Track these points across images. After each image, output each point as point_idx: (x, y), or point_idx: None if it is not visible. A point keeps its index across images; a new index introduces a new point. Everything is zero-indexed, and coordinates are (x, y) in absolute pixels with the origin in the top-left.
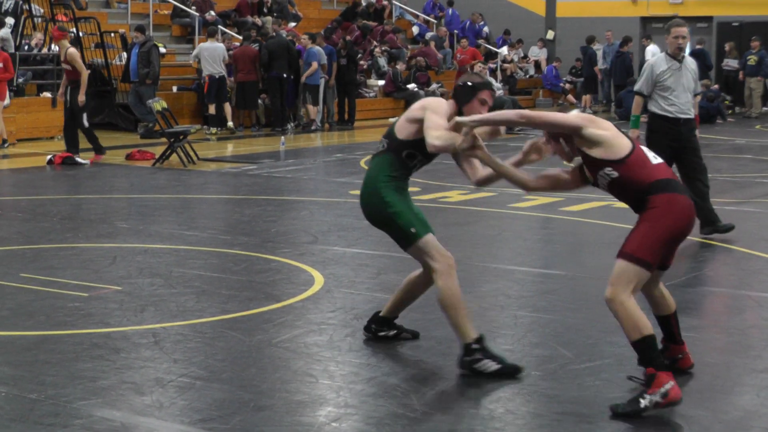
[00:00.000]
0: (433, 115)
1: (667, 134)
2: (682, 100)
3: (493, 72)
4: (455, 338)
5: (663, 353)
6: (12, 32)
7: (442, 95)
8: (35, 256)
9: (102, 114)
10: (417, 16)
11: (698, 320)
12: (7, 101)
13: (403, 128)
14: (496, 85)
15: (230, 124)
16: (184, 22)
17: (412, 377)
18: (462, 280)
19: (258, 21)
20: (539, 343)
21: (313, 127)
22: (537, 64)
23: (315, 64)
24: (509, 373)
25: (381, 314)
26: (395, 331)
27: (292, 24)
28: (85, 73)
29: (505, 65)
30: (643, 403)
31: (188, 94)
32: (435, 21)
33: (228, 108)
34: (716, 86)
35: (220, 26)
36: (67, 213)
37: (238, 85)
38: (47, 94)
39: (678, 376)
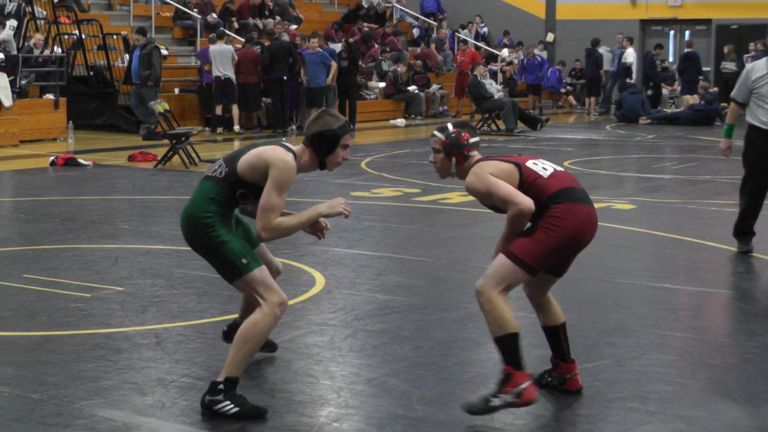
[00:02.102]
0: (273, 190)
1: (761, 148)
2: None
3: (493, 74)
4: (455, 338)
5: (551, 373)
6: (15, 35)
7: (442, 97)
8: (37, 257)
9: (104, 116)
10: (417, 18)
11: (696, 322)
12: (9, 103)
13: (246, 166)
14: (497, 87)
15: (236, 127)
16: (185, 24)
17: (413, 378)
18: (460, 282)
19: (259, 23)
20: (538, 344)
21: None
22: (540, 66)
23: (335, 65)
24: (249, 416)
25: (238, 321)
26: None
27: (294, 26)
28: None
29: (506, 67)
30: (496, 401)
31: (190, 95)
32: (435, 23)
33: (235, 110)
34: (715, 89)
35: (223, 28)
36: (69, 214)
37: (239, 86)
38: (50, 96)
39: (672, 379)
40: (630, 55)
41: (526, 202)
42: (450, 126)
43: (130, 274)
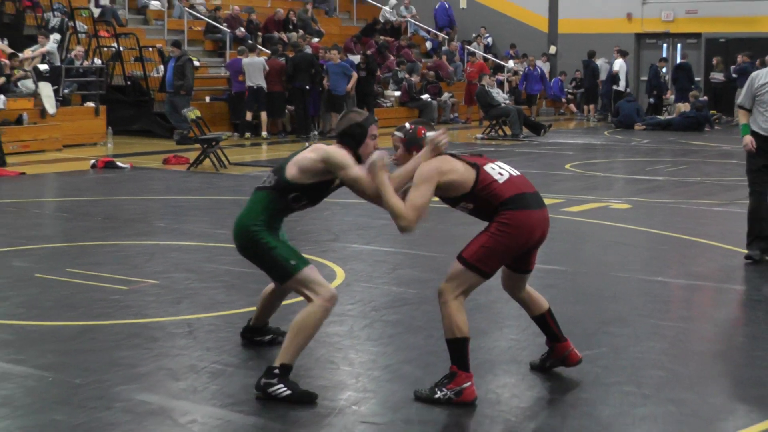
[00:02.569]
0: (364, 177)
1: (761, 154)
2: None
3: (500, 84)
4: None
5: (549, 355)
6: (58, 47)
7: (452, 105)
8: (79, 253)
9: (140, 122)
10: (429, 32)
11: (687, 312)
12: (53, 110)
13: (296, 170)
14: (503, 95)
15: (264, 133)
16: (216, 37)
17: (425, 365)
18: None
19: (284, 36)
20: (541, 333)
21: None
22: (541, 77)
23: (355, 75)
24: (300, 399)
25: (251, 324)
26: (270, 336)
27: (315, 39)
28: None
29: (511, 77)
30: (438, 394)
31: (219, 103)
32: (446, 37)
33: (264, 116)
34: (705, 97)
35: (249, 41)
36: (108, 213)
37: (266, 95)
38: (90, 104)
39: (665, 365)
40: (617, 65)
41: (412, 223)
42: (407, 124)
43: (165, 269)
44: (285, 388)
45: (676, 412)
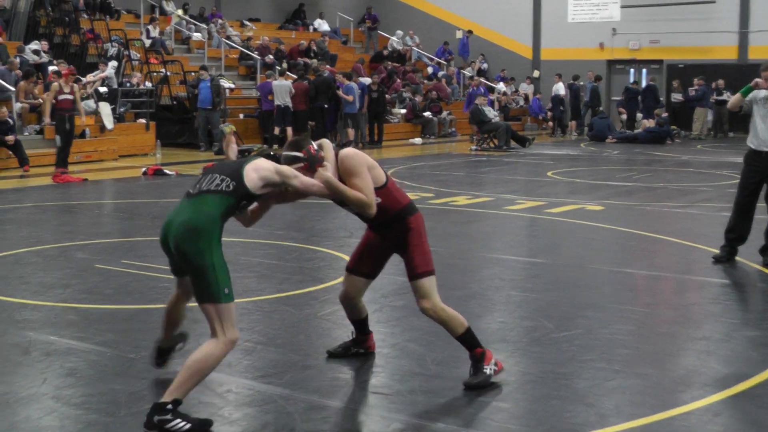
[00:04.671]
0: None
1: (754, 167)
2: (762, 135)
3: (492, 103)
4: (460, 312)
5: (356, 345)
6: (116, 72)
7: (450, 121)
8: (132, 247)
9: (184, 136)
10: (431, 59)
11: (651, 299)
12: (111, 126)
13: (254, 179)
14: (494, 113)
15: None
16: (248, 63)
17: (427, 343)
18: (465, 268)
19: (306, 62)
20: (527, 316)
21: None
22: (525, 97)
23: (351, 97)
24: (202, 428)
25: (163, 346)
26: (180, 345)
27: (328, 66)
28: None
29: (501, 97)
30: (487, 371)
31: (251, 120)
32: (446, 63)
33: (290, 131)
34: (666, 114)
35: (277, 66)
36: (157, 213)
37: (292, 113)
38: (142, 121)
39: (632, 344)
40: (561, 88)
41: (374, 206)
42: (293, 153)
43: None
44: (183, 422)
45: (641, 384)
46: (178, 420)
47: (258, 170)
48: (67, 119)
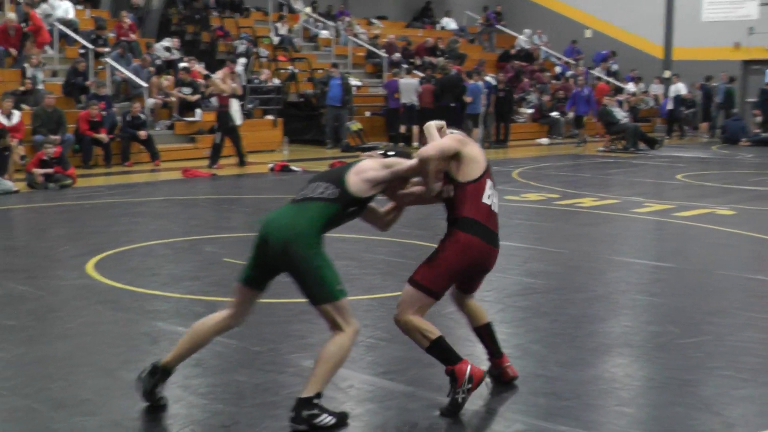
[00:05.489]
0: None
1: None
2: None
3: (620, 103)
4: (584, 314)
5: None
6: (244, 69)
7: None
8: None
9: (311, 132)
10: (560, 58)
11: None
12: (239, 122)
13: (356, 184)
14: (623, 113)
15: (415, 144)
16: (375, 61)
17: (550, 345)
18: (590, 270)
19: (433, 61)
20: (652, 321)
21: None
22: (655, 98)
23: (470, 98)
24: (342, 422)
25: (164, 365)
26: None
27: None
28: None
29: (630, 98)
30: (459, 398)
31: (377, 118)
32: (574, 62)
33: (416, 130)
34: None
35: (404, 65)
36: None
37: (420, 110)
38: (270, 117)
39: (761, 353)
40: (682, 88)
41: (431, 155)
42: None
43: (334, 257)
44: (329, 416)
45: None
46: (325, 414)
47: (360, 173)
48: (229, 116)
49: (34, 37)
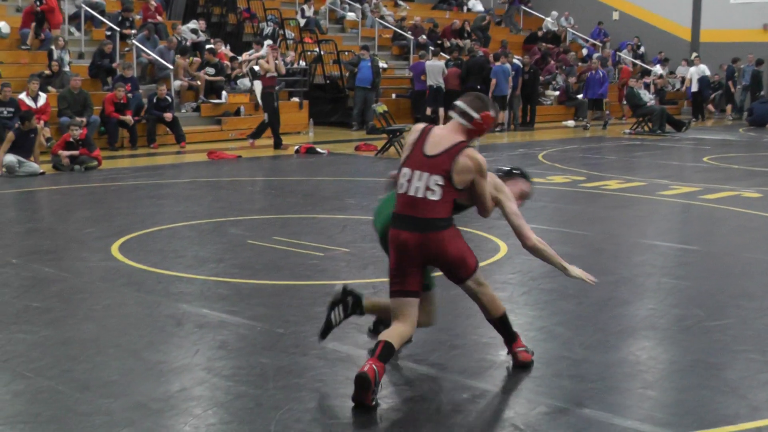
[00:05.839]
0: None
1: None
2: None
3: (647, 86)
4: (609, 297)
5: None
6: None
7: (604, 104)
8: (283, 224)
9: (337, 115)
10: (587, 41)
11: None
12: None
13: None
14: (650, 96)
15: (441, 125)
16: (401, 43)
17: (575, 327)
18: (615, 253)
19: (460, 43)
20: (677, 304)
21: (498, 129)
22: (682, 80)
23: (494, 81)
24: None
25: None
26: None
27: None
28: None
29: (658, 80)
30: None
31: (403, 100)
32: (601, 44)
33: (441, 112)
34: None
35: (431, 47)
36: (308, 191)
37: (446, 93)
38: (295, 99)
39: (765, 340)
40: (705, 70)
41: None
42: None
43: (354, 239)
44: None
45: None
46: None
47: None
48: (275, 96)
49: (47, 17)
